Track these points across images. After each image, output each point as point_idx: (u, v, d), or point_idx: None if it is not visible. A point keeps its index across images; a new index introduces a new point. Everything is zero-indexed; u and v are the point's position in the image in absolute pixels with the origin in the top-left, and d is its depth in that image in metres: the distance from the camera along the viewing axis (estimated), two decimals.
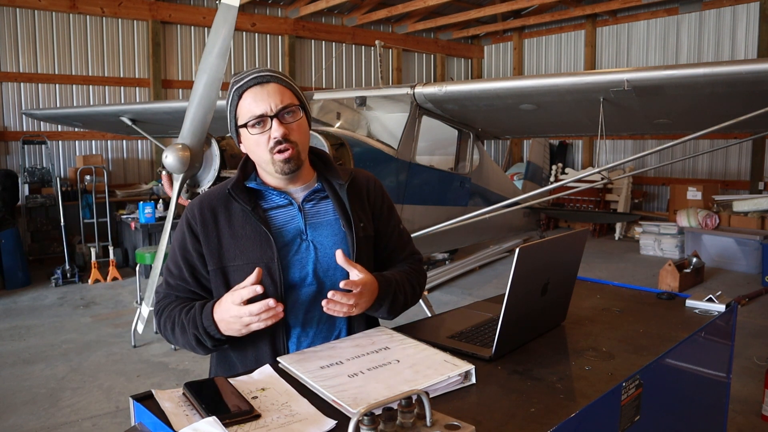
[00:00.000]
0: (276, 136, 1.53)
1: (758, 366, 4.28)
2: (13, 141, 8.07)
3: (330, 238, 1.63)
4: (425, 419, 1.01)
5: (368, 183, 1.76)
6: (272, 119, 1.53)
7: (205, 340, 1.50)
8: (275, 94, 1.54)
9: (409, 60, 12.45)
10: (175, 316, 1.56)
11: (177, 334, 1.55)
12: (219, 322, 1.46)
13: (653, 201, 10.99)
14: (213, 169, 3.17)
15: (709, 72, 3.67)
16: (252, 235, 1.57)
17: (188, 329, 1.51)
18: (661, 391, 1.52)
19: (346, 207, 1.65)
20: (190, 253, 1.61)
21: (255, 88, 1.55)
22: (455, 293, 6.56)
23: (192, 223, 1.61)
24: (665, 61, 10.50)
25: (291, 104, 1.56)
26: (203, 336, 1.49)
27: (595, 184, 6.77)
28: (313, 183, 1.68)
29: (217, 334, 1.48)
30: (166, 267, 1.67)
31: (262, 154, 1.57)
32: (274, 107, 1.53)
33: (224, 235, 1.59)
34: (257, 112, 1.53)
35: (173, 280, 1.63)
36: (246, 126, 1.55)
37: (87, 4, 8.38)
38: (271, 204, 1.64)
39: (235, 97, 1.57)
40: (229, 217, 1.60)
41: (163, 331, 1.61)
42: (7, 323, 5.65)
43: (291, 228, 1.61)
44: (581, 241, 1.73)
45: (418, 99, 4.88)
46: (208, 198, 1.65)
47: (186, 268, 1.61)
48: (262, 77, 1.55)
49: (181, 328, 1.53)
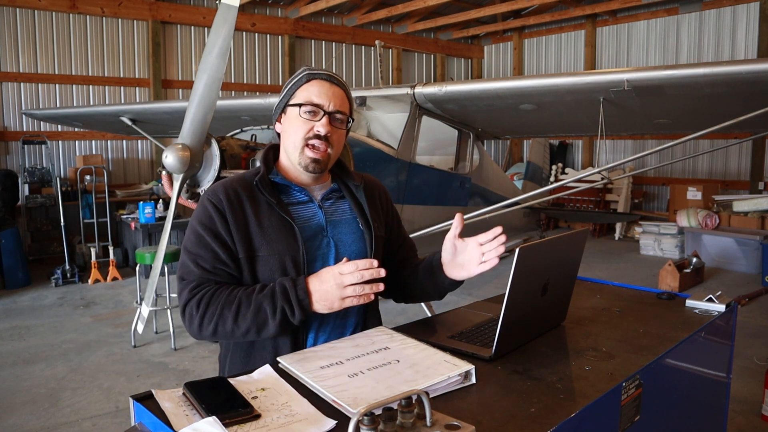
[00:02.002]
0: (320, 131, 1.58)
1: (758, 366, 4.28)
2: (13, 141, 8.07)
3: (349, 236, 1.67)
4: (425, 419, 1.01)
5: (378, 189, 1.82)
6: (325, 115, 1.59)
7: (295, 315, 1.45)
8: (339, 97, 1.62)
9: (409, 60, 12.45)
10: (240, 296, 1.47)
11: (242, 321, 1.46)
12: (313, 288, 1.45)
13: (653, 201, 10.99)
14: (213, 169, 3.16)
15: (709, 72, 3.67)
16: (278, 226, 1.57)
17: (268, 305, 1.45)
18: (661, 391, 1.52)
19: (363, 207, 1.70)
20: (222, 235, 1.54)
21: (326, 82, 1.62)
22: (455, 293, 6.51)
23: (218, 206, 1.56)
24: (665, 61, 10.50)
25: (345, 113, 1.64)
26: (296, 308, 1.44)
27: (595, 184, 6.77)
28: (329, 183, 1.73)
29: (309, 308, 1.46)
30: (190, 254, 1.54)
31: (296, 139, 1.60)
32: (332, 106, 1.60)
33: (251, 223, 1.57)
34: (317, 101, 1.59)
35: (208, 264, 1.52)
36: (300, 106, 1.59)
37: (87, 4, 8.38)
38: (293, 200, 1.66)
39: (303, 78, 1.63)
40: (254, 207, 1.59)
41: (208, 322, 1.48)
42: (7, 323, 5.65)
43: (314, 224, 1.64)
44: (581, 241, 1.73)
45: (418, 99, 4.88)
46: (230, 184, 1.62)
47: (222, 249, 1.53)
48: (336, 79, 1.64)
49: (254, 307, 1.45)
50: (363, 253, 1.65)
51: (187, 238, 1.59)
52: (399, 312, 5.47)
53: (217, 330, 1.49)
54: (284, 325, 1.48)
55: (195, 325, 1.50)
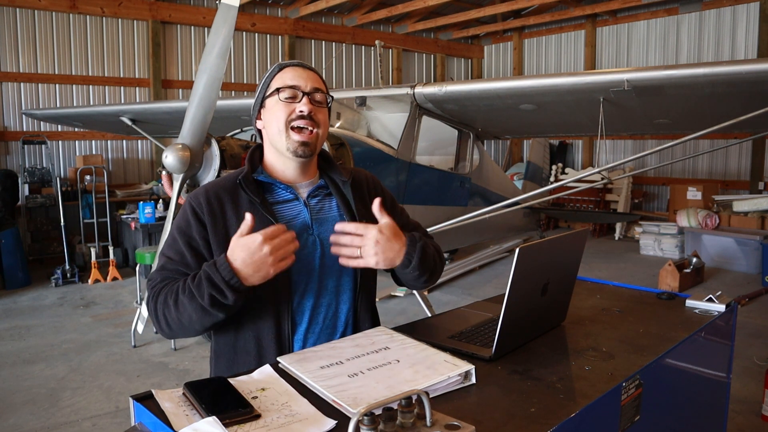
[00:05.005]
0: (302, 110, 1.58)
1: (758, 366, 4.28)
2: (13, 141, 8.07)
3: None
4: (425, 419, 1.01)
5: (367, 181, 1.78)
6: (304, 95, 1.60)
7: (227, 297, 1.38)
8: (314, 79, 1.63)
9: (409, 60, 12.45)
10: (178, 288, 1.45)
11: (182, 308, 1.43)
12: (242, 263, 1.38)
13: (653, 201, 10.99)
14: (213, 169, 3.17)
15: (709, 72, 3.67)
16: (260, 227, 1.53)
17: (198, 293, 1.40)
18: (661, 391, 1.52)
19: (350, 204, 1.67)
20: (196, 240, 1.56)
21: (297, 68, 1.64)
22: (455, 293, 6.56)
23: (198, 211, 1.58)
24: (665, 61, 10.50)
25: (323, 92, 1.64)
26: (226, 291, 1.38)
27: (595, 184, 6.78)
28: (316, 180, 1.71)
29: (241, 285, 1.39)
30: (162, 256, 1.59)
31: (280, 124, 1.59)
32: (309, 87, 1.61)
33: (231, 225, 1.57)
34: (291, 83, 1.60)
35: (172, 266, 1.55)
36: (278, 91, 1.60)
37: (87, 4, 8.38)
38: (278, 198, 1.65)
39: (275, 70, 1.65)
40: (236, 208, 1.59)
41: (160, 315, 1.48)
42: (7, 323, 5.65)
43: (298, 222, 1.63)
44: (581, 241, 1.73)
45: (418, 99, 4.88)
46: (213, 187, 1.63)
47: (189, 253, 1.55)
48: (306, 66, 1.66)
49: (189, 296, 1.41)
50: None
51: (166, 239, 1.66)
52: (399, 312, 5.48)
53: (168, 321, 1.47)
54: (222, 308, 1.42)
55: (153, 319, 1.51)
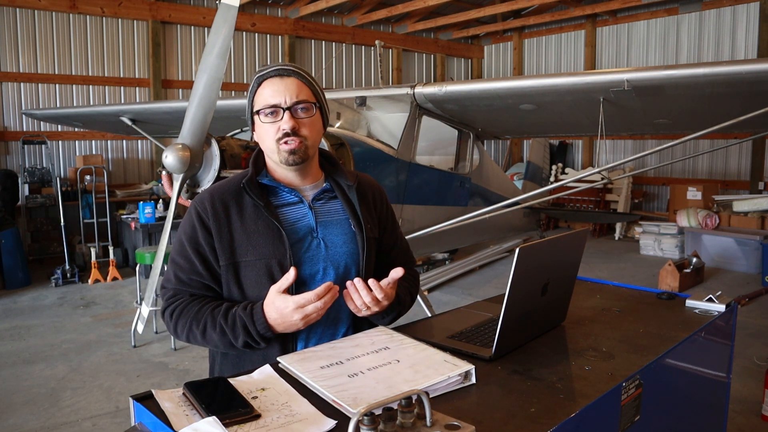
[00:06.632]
0: (285, 128, 1.56)
1: (758, 366, 4.28)
2: (13, 141, 8.07)
3: (340, 237, 1.65)
4: (425, 419, 1.01)
5: (373, 190, 1.78)
6: (285, 111, 1.57)
7: (260, 344, 1.51)
8: (293, 87, 1.58)
9: (409, 60, 12.45)
10: (206, 321, 1.52)
11: (210, 339, 1.52)
12: (274, 322, 1.46)
13: (653, 201, 10.99)
14: (213, 169, 3.16)
15: (709, 72, 3.67)
16: (264, 230, 1.57)
17: (233, 336, 1.49)
18: (661, 391, 1.52)
19: (355, 207, 1.67)
20: (203, 246, 1.58)
21: (275, 79, 1.59)
22: (455, 293, 6.56)
23: (203, 216, 1.59)
24: (665, 61, 10.50)
25: (306, 100, 1.60)
26: (260, 340, 1.49)
27: (595, 184, 6.77)
28: (321, 183, 1.71)
29: (273, 335, 1.50)
30: (172, 262, 1.62)
31: (269, 143, 1.59)
32: (289, 100, 1.57)
33: (236, 229, 1.58)
34: (272, 101, 1.57)
35: (185, 275, 1.59)
36: (259, 113, 1.59)
37: (87, 4, 8.38)
38: (282, 201, 1.65)
39: (255, 85, 1.63)
40: (240, 212, 1.60)
41: (180, 332, 1.57)
42: (7, 323, 5.65)
43: (302, 225, 1.63)
44: (581, 241, 1.73)
45: (418, 99, 4.87)
46: (218, 191, 1.63)
47: (199, 261, 1.58)
48: (284, 70, 1.60)
49: (220, 333, 1.50)
50: (354, 254, 1.64)
51: (173, 244, 1.66)
52: None
53: (190, 341, 1.58)
54: (252, 349, 1.55)
55: (171, 331, 1.61)
